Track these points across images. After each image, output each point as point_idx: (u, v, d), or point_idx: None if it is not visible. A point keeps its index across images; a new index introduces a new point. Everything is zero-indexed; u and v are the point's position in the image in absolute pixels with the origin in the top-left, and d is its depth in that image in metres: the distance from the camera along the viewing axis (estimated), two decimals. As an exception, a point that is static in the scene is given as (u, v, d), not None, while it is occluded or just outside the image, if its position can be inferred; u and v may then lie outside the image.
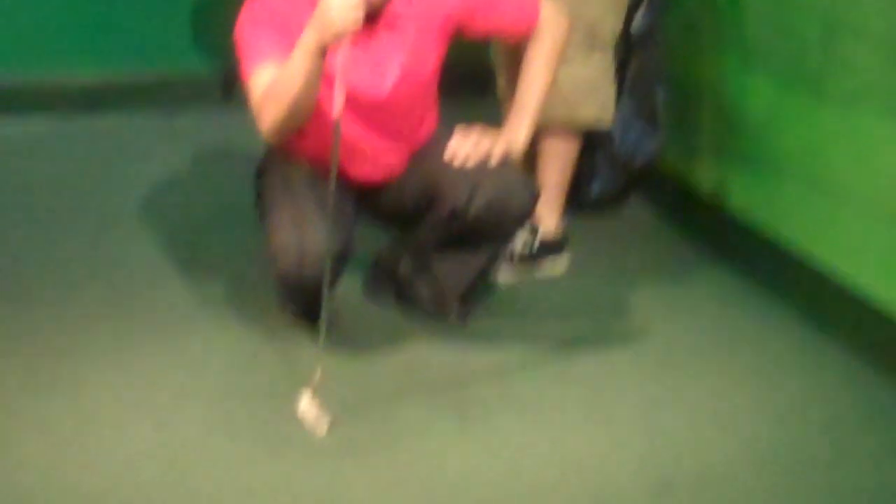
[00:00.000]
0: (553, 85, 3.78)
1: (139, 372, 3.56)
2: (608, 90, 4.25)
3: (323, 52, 3.30)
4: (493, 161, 3.66)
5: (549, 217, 4.20)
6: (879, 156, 3.64)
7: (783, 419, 3.44)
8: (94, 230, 4.53)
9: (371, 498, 3.01)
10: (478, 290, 3.97)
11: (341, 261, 3.57)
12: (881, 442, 3.35)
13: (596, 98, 4.20)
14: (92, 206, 4.75)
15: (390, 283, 3.98)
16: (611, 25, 4.21)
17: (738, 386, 3.61)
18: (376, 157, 3.74)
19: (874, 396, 3.56)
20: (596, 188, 4.69)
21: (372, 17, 3.49)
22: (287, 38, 3.40)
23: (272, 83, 3.39)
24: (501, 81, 4.36)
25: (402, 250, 3.92)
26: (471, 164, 3.66)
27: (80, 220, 4.61)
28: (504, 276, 4.16)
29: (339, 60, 3.27)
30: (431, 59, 3.68)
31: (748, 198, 4.32)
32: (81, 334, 3.75)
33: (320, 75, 3.35)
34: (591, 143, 4.50)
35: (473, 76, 4.66)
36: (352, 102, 3.46)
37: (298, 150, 3.71)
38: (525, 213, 3.77)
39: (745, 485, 3.12)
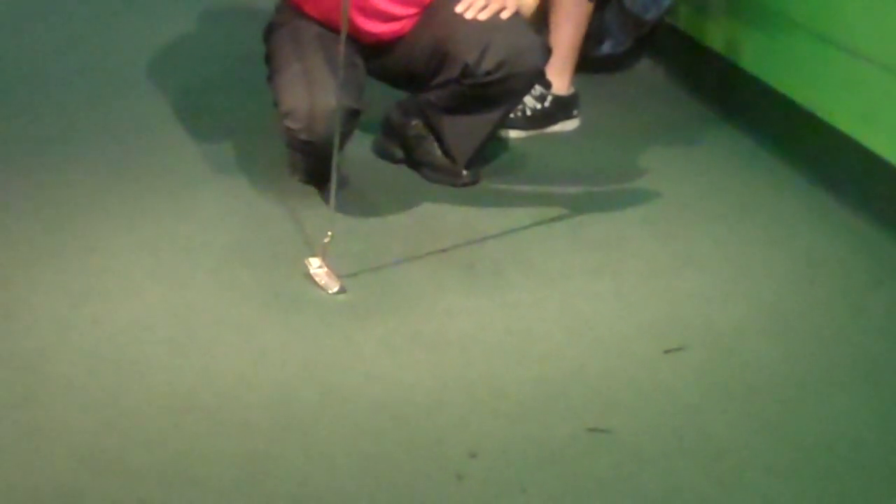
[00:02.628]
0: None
1: (150, 234, 3.54)
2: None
3: None
4: (505, 18, 3.61)
5: (560, 77, 4.15)
6: (895, 10, 3.57)
7: (794, 281, 3.42)
8: (102, 91, 4.51)
9: (381, 356, 3.00)
10: (488, 151, 3.94)
11: (351, 120, 3.53)
12: (892, 303, 3.33)
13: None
14: (101, 67, 4.72)
15: (400, 144, 3.93)
16: None
17: (749, 248, 3.58)
18: (386, 12, 3.69)
19: (885, 257, 3.54)
20: (607, 47, 4.65)
21: None
22: None
23: None
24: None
25: (412, 110, 3.87)
26: (483, 19, 3.62)
27: (88, 82, 4.59)
28: (515, 134, 4.13)
29: None
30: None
31: (761, 53, 4.24)
32: (93, 197, 3.73)
33: None
34: (603, 1, 4.45)
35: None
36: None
37: (308, 6, 3.66)
38: (536, 72, 3.72)
39: (757, 347, 3.10)
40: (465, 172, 3.84)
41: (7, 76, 4.62)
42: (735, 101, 4.35)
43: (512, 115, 4.00)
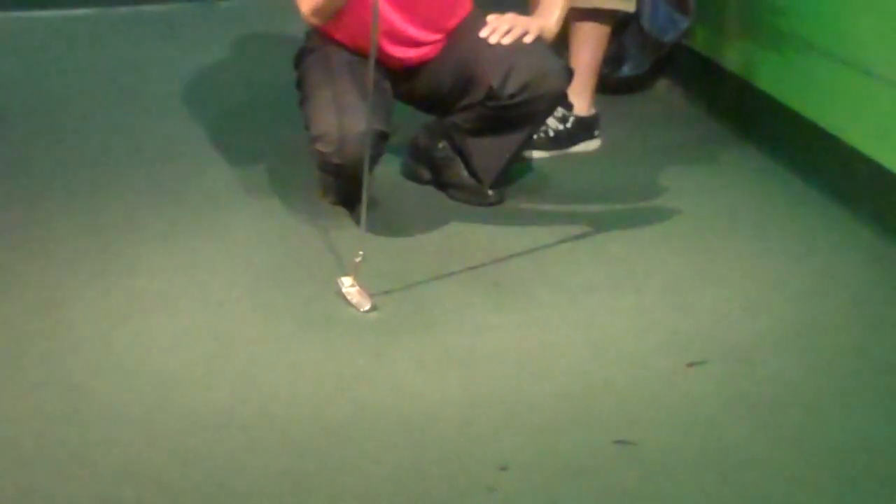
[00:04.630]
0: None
1: (187, 255, 3.55)
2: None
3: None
4: (528, 42, 3.63)
5: (581, 98, 4.15)
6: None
7: (811, 296, 3.40)
8: (139, 117, 4.53)
9: (412, 373, 3.00)
10: (513, 172, 3.94)
11: (380, 142, 3.53)
12: None
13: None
14: (138, 94, 4.75)
15: (427, 166, 3.94)
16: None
17: (766, 264, 3.57)
18: (413, 38, 3.70)
19: None
20: (626, 69, 4.65)
21: None
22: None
23: None
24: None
25: (438, 133, 3.87)
26: (507, 42, 3.63)
27: (126, 108, 4.62)
28: (538, 154, 4.13)
29: None
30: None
31: (777, 74, 4.22)
32: (131, 219, 3.75)
33: None
34: (622, 25, 4.45)
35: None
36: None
37: (337, 33, 3.67)
38: (559, 94, 3.71)
39: (776, 360, 3.09)
40: (490, 192, 3.84)
41: (48, 102, 4.65)
42: (751, 120, 4.34)
43: (535, 137, 4.00)
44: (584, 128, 4.18)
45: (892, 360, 3.10)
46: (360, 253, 3.25)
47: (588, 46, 4.16)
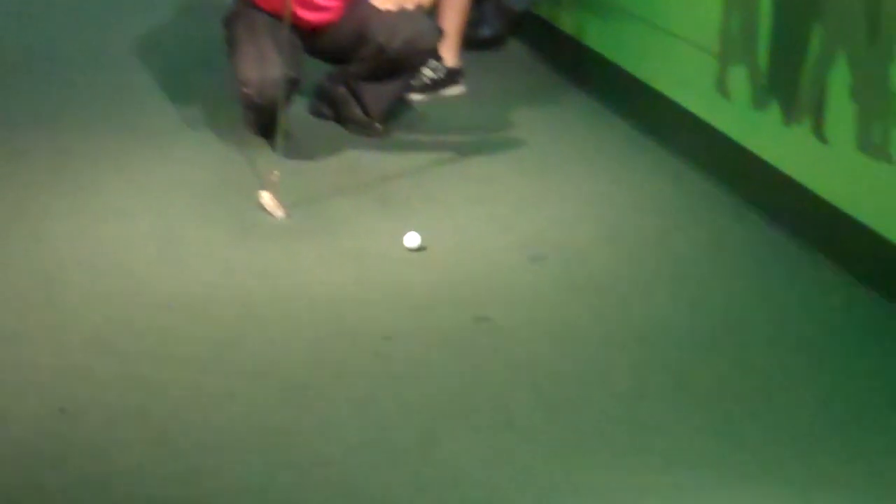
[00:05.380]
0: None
1: (138, 173, 3.52)
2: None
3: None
4: (409, 10, 3.68)
5: (449, 53, 4.14)
6: (703, 2, 3.58)
7: (625, 207, 3.45)
8: (99, 67, 4.46)
9: (316, 267, 3.01)
10: (396, 110, 3.94)
11: (293, 87, 3.55)
12: (697, 220, 3.37)
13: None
14: (98, 49, 4.66)
15: (329, 105, 3.92)
16: None
17: (592, 183, 3.61)
18: (319, 4, 3.70)
19: (696, 190, 3.56)
20: (485, 31, 4.64)
21: None
22: None
23: None
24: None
25: (338, 79, 3.86)
26: (393, 10, 3.68)
27: (88, 60, 4.54)
28: (416, 97, 4.12)
29: None
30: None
31: (603, 36, 4.23)
32: (91, 144, 3.71)
33: None
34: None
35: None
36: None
37: (259, 0, 3.66)
38: (432, 49, 3.81)
39: (601, 256, 3.14)
40: (378, 126, 3.84)
41: (25, 55, 4.55)
42: (583, 72, 4.35)
43: (414, 83, 4.01)
44: (452, 76, 4.17)
45: (687, 253, 3.17)
46: (276, 173, 3.25)
47: (454, 12, 4.15)
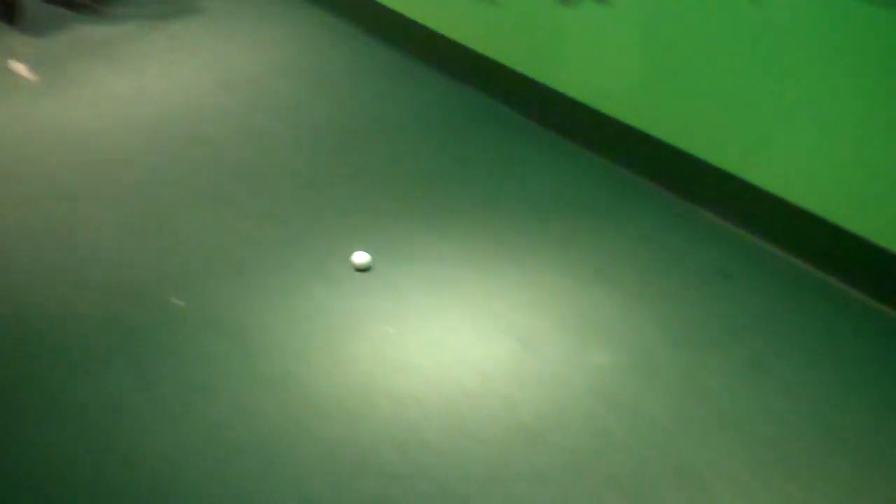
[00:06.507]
0: None
1: None
2: None
3: None
4: None
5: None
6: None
7: (297, 49, 4.09)
8: None
9: (66, 111, 3.62)
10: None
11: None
12: (339, 45, 4.04)
13: None
14: None
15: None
16: None
17: (272, 35, 4.22)
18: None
19: (338, 28, 4.21)
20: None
21: None
22: None
23: None
24: None
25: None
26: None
27: None
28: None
29: None
30: None
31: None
32: None
33: None
34: None
35: None
36: None
37: None
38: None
39: (274, 83, 3.78)
40: (98, 6, 4.48)
41: None
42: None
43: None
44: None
45: (333, 73, 3.86)
46: (20, 45, 3.91)
47: None
